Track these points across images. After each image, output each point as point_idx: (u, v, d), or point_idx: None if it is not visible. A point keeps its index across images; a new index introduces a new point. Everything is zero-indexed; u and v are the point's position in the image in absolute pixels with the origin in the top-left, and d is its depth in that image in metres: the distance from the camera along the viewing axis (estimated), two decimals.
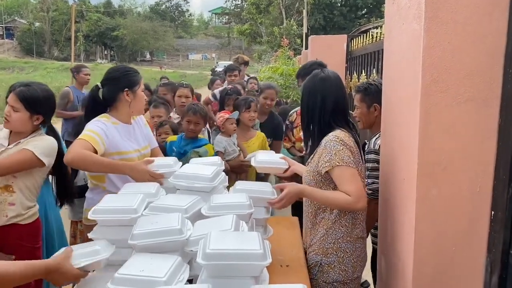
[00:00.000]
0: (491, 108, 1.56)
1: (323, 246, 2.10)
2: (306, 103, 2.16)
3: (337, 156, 1.98)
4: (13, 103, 2.37)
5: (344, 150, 1.99)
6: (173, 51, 56.81)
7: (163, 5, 63.43)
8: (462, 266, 1.65)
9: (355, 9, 34.67)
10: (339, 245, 2.08)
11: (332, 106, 2.09)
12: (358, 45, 5.83)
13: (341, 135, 2.03)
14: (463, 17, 1.52)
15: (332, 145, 2.00)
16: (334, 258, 2.08)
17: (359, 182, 2.00)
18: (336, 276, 2.07)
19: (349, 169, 1.98)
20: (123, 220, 1.76)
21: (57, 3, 49.46)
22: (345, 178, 1.98)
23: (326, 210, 2.10)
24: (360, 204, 1.97)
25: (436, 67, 1.56)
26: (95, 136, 2.32)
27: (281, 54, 8.93)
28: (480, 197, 1.60)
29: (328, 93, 2.10)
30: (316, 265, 2.11)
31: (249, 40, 31.56)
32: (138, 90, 2.51)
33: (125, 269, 1.44)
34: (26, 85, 2.42)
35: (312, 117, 2.13)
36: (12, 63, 34.66)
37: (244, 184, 2.20)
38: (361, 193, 1.98)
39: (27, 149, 2.33)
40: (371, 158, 2.49)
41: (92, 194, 2.49)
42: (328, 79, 2.13)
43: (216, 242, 1.46)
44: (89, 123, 2.41)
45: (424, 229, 1.65)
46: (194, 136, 3.34)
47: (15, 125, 2.41)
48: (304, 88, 2.20)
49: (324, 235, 2.10)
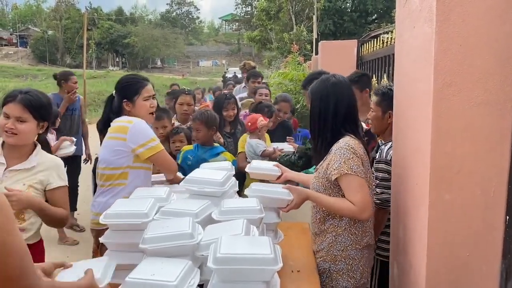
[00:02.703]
0: (504, 111, 1.54)
1: (332, 253, 2.08)
2: (318, 108, 2.12)
3: (346, 164, 1.96)
4: (19, 113, 2.08)
5: (354, 158, 1.97)
6: (183, 58, 57.22)
7: (174, 13, 64.07)
8: (476, 272, 1.62)
9: (365, 14, 34.55)
10: (348, 253, 2.06)
11: (344, 111, 2.08)
12: (369, 50, 5.80)
13: (351, 143, 2.01)
14: (475, 19, 1.51)
15: (342, 153, 1.98)
16: (343, 265, 2.06)
17: (366, 193, 1.98)
18: (344, 283, 2.06)
19: (357, 179, 1.96)
20: (134, 224, 1.77)
21: (70, 11, 50.14)
22: (352, 188, 1.96)
23: (335, 216, 2.08)
24: (364, 215, 1.97)
25: (448, 71, 1.54)
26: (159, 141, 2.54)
27: (291, 60, 8.91)
28: (494, 201, 1.57)
29: (341, 98, 2.08)
30: (324, 272, 2.09)
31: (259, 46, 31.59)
32: (137, 100, 2.56)
33: (136, 273, 1.44)
34: (25, 92, 2.16)
35: (324, 123, 2.10)
36: (26, 70, 35.16)
37: (259, 185, 2.19)
38: (366, 204, 1.96)
39: (65, 186, 2.24)
40: (381, 168, 2.43)
41: (104, 198, 2.48)
42: (340, 83, 2.11)
43: (227, 246, 1.46)
44: (144, 128, 2.49)
45: (437, 235, 1.62)
46: (208, 144, 3.31)
47: (25, 138, 2.12)
48: (315, 93, 2.16)
49: (332, 242, 2.08)
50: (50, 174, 2.18)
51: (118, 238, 1.82)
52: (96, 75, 31.22)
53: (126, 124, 2.46)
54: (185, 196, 2.13)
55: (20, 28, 54.80)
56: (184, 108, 4.05)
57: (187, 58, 57.62)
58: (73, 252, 4.67)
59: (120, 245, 1.82)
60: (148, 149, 2.44)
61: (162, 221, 1.75)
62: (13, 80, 28.07)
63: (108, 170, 2.49)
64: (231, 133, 4.02)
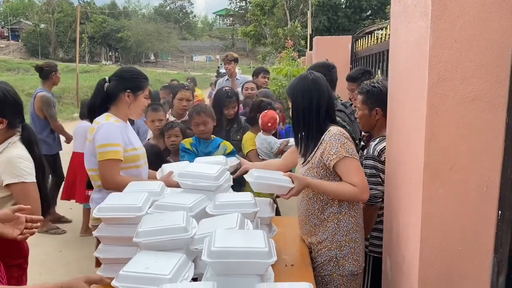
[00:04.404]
0: (498, 107, 1.54)
1: (336, 240, 2.15)
2: (302, 105, 2.20)
3: (343, 148, 2.07)
4: None
5: (348, 143, 2.10)
6: (177, 52, 56.96)
7: (168, 7, 63.68)
8: (468, 266, 1.63)
9: (359, 10, 34.61)
10: (350, 236, 2.16)
11: (326, 104, 2.19)
12: (363, 46, 5.82)
13: (342, 130, 2.15)
14: (470, 15, 1.51)
15: (337, 138, 2.09)
16: (348, 250, 2.15)
17: (363, 174, 2.13)
18: (350, 267, 2.15)
19: (355, 161, 2.09)
20: (128, 218, 1.77)
21: (62, 5, 49.67)
22: (351, 170, 2.08)
23: (333, 204, 2.15)
24: (365, 195, 2.10)
25: (443, 66, 1.55)
26: (120, 149, 2.41)
27: (285, 55, 8.90)
28: (487, 196, 1.58)
29: (322, 93, 2.19)
30: (331, 260, 2.14)
31: (253, 42, 31.56)
32: (140, 95, 2.54)
33: (130, 266, 1.44)
34: None
35: (309, 117, 2.18)
36: (18, 64, 34.78)
37: (260, 172, 2.18)
38: (366, 184, 2.10)
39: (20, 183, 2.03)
40: (369, 164, 2.43)
41: (99, 194, 2.48)
42: (318, 79, 2.23)
43: (221, 240, 1.46)
44: (107, 131, 2.40)
45: (430, 229, 1.63)
46: (207, 137, 3.29)
47: None
48: (295, 90, 2.24)
49: (335, 229, 2.15)
50: (3, 171, 2.04)
51: (111, 232, 1.81)
52: (89, 69, 31.01)
53: (95, 125, 2.46)
54: (179, 190, 2.12)
55: (12, 22, 54.19)
56: (183, 104, 4.00)
57: (181, 53, 57.37)
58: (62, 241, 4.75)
59: (113, 238, 1.81)
60: (101, 152, 2.36)
61: (156, 215, 1.74)
62: (4, 73, 27.81)
63: (92, 172, 2.50)
64: (226, 130, 3.91)
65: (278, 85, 7.36)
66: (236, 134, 3.85)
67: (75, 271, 3.87)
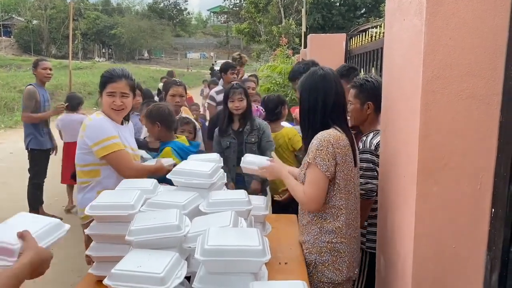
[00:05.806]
0: (492, 105, 1.55)
1: (317, 245, 2.08)
2: (308, 101, 2.12)
3: (314, 154, 1.99)
4: None
5: (323, 151, 1.98)
6: (171, 49, 56.69)
7: (161, 4, 63.27)
8: (462, 263, 1.64)
9: (353, 8, 34.60)
10: (333, 245, 2.06)
11: (332, 102, 2.08)
12: (357, 44, 5.81)
13: (331, 135, 2.01)
14: (465, 13, 1.51)
15: (316, 143, 2.00)
16: (328, 257, 2.07)
17: (320, 188, 2.00)
18: (330, 274, 2.06)
19: (316, 172, 1.99)
20: (120, 216, 1.75)
21: (55, 1, 49.17)
22: (309, 178, 2.03)
23: (321, 209, 2.07)
24: (310, 207, 2.06)
25: (437, 64, 1.55)
26: (119, 141, 2.46)
27: (279, 53, 8.91)
28: (480, 194, 1.59)
29: (329, 90, 2.08)
30: (310, 264, 2.09)
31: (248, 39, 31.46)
32: (103, 93, 2.54)
33: (123, 265, 1.42)
34: None
35: (314, 115, 2.09)
36: (10, 60, 34.41)
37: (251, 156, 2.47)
38: (314, 198, 2.01)
39: None
40: (365, 158, 2.43)
41: (83, 193, 2.50)
42: (327, 75, 2.11)
43: (214, 238, 1.45)
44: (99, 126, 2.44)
45: (424, 227, 1.64)
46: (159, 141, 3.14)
47: None
48: (303, 86, 2.16)
49: (318, 234, 2.08)
50: None
51: (104, 230, 1.79)
52: (82, 66, 30.74)
53: (86, 121, 2.48)
54: (173, 188, 2.11)
55: (4, 18, 53.62)
56: (176, 100, 3.89)
57: (175, 50, 57.11)
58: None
59: (106, 237, 1.79)
60: (102, 148, 2.40)
61: (149, 213, 1.73)
62: None
63: (79, 167, 2.51)
64: (238, 132, 3.49)
65: (272, 82, 7.35)
66: (250, 137, 3.47)
67: (66, 269, 3.84)
